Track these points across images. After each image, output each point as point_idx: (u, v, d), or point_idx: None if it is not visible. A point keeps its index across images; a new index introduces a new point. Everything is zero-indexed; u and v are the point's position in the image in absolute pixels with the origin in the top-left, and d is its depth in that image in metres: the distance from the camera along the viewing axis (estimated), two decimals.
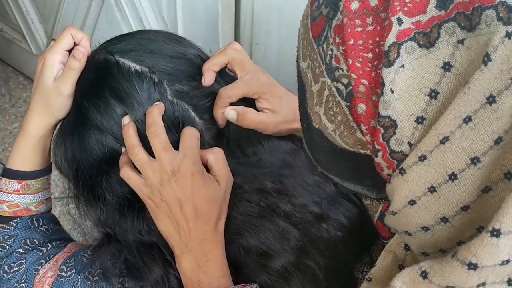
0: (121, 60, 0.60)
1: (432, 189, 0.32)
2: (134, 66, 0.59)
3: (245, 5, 1.15)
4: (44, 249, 0.66)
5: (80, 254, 0.64)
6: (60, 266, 0.62)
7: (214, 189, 0.58)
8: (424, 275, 0.34)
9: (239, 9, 1.17)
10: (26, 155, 0.66)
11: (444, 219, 0.32)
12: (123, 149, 0.60)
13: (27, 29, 1.81)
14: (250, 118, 0.63)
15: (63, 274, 0.62)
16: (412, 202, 0.33)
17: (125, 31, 1.39)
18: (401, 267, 0.45)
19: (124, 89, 0.59)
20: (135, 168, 0.59)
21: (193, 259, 0.56)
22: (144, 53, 0.60)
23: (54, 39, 0.65)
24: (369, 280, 0.46)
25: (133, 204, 0.60)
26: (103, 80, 0.60)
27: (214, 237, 0.57)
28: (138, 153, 0.57)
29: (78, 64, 0.61)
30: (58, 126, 0.67)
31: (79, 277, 0.60)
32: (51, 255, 0.65)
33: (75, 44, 0.64)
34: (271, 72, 1.20)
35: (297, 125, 0.65)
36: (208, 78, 0.62)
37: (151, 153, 0.58)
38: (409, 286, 0.35)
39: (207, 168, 0.59)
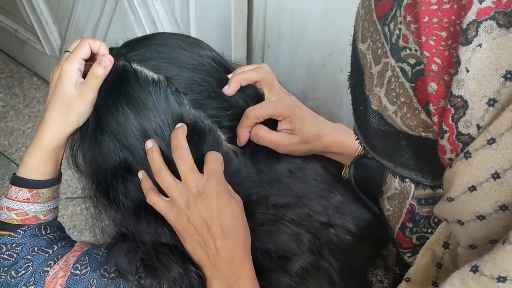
0: (139, 69, 0.61)
1: (496, 175, 0.31)
2: (151, 75, 0.60)
3: (258, 7, 1.15)
4: (50, 251, 0.66)
5: (94, 252, 0.64)
6: (74, 264, 0.63)
7: (239, 207, 0.59)
8: (474, 269, 0.33)
9: (251, 11, 1.17)
10: (39, 164, 0.66)
11: (504, 207, 0.32)
12: (140, 175, 0.61)
13: (41, 30, 1.82)
14: (262, 136, 0.64)
15: (77, 272, 0.62)
16: (472, 188, 0.33)
17: (138, 32, 1.40)
18: (439, 266, 0.45)
19: (141, 100, 0.59)
20: (160, 191, 0.60)
21: (223, 279, 0.56)
22: (162, 62, 0.61)
23: (67, 51, 0.66)
24: (407, 281, 0.46)
25: (150, 209, 0.61)
26: (120, 89, 0.61)
27: (242, 254, 0.57)
28: (164, 175, 0.59)
29: (103, 72, 0.62)
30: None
31: (94, 274, 0.61)
32: (59, 256, 0.65)
33: (92, 54, 0.65)
34: (283, 74, 1.21)
35: (313, 146, 0.66)
36: (232, 89, 0.63)
37: (175, 174, 0.59)
38: (457, 287, 0.34)
39: None
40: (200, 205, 0.57)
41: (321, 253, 0.61)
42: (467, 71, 0.30)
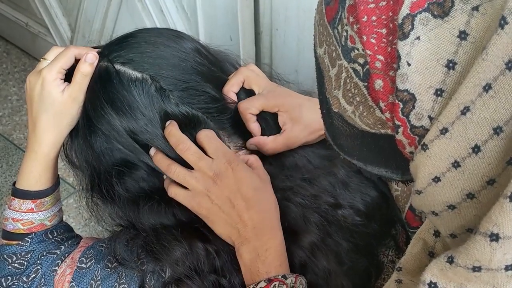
0: (122, 69, 0.61)
1: (456, 164, 0.31)
2: (135, 74, 0.60)
3: None
4: (57, 251, 0.67)
5: (98, 245, 0.65)
6: (80, 258, 0.63)
7: (258, 177, 0.59)
8: (450, 260, 0.33)
9: None
10: (39, 175, 0.66)
11: (470, 195, 0.32)
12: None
13: (51, 22, 1.84)
14: (271, 147, 0.64)
15: (83, 265, 0.63)
16: (436, 179, 0.32)
17: (146, 21, 1.40)
18: (431, 254, 0.44)
19: (127, 101, 0.60)
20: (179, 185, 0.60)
21: (253, 249, 0.56)
22: (145, 61, 0.61)
23: (44, 58, 0.65)
24: (399, 270, 0.45)
25: (150, 197, 0.62)
26: (106, 91, 0.61)
27: (271, 224, 0.58)
28: (175, 169, 0.59)
29: (90, 69, 0.61)
30: None
31: (98, 266, 0.62)
32: (66, 254, 0.66)
33: (76, 61, 0.64)
34: (291, 57, 1.20)
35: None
36: (233, 99, 0.65)
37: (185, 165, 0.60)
38: (438, 277, 0.34)
39: None
40: (220, 184, 0.58)
41: (329, 233, 0.61)
42: (409, 64, 0.30)
